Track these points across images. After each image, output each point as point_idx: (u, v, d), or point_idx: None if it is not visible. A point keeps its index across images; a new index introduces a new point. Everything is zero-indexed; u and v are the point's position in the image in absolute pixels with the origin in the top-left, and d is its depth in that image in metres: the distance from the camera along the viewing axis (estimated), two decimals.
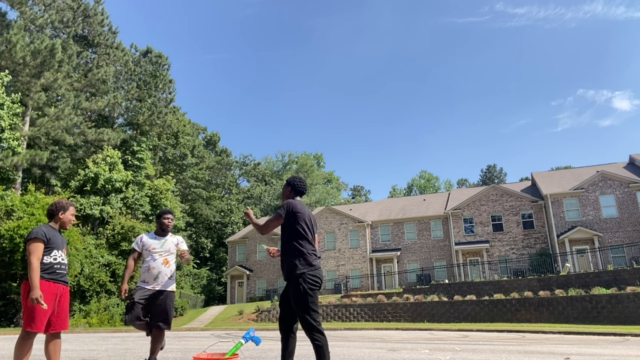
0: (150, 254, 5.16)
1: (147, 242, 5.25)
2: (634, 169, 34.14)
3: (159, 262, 5.13)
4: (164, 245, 5.23)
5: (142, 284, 5.10)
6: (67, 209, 4.49)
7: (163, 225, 5.32)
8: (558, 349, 8.72)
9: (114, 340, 13.50)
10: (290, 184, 4.43)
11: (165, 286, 5.10)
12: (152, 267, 5.09)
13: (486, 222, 35.59)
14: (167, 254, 5.22)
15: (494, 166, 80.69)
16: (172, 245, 5.27)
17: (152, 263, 5.10)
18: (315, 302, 3.93)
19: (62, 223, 4.48)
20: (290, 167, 76.82)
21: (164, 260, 5.16)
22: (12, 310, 24.64)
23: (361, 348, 9.23)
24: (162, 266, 5.12)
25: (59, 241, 4.42)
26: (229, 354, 3.53)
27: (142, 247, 5.24)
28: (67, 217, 4.48)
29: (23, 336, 4.15)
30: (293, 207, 4.15)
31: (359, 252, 38.22)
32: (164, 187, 40.32)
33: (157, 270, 5.08)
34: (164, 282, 5.10)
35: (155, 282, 5.06)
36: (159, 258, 5.14)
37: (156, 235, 5.34)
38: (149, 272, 5.08)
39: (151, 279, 5.05)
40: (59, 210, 4.47)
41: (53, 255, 4.34)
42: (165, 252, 5.20)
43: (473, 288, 25.53)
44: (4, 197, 26.72)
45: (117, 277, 31.36)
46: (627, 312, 19.09)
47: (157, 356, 5.08)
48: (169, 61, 47.31)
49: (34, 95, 32.35)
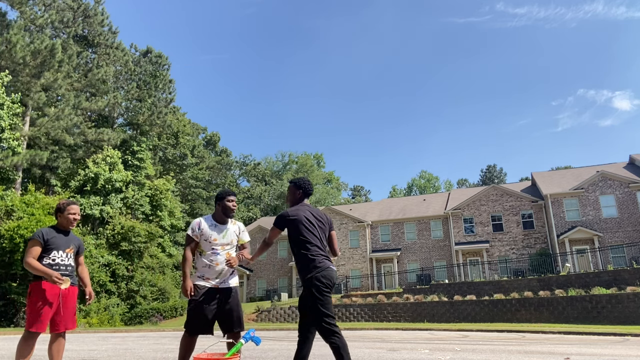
0: (211, 247, 4.27)
1: (206, 231, 4.29)
2: (634, 169, 34.13)
3: (222, 258, 4.25)
4: (226, 236, 4.33)
5: (200, 280, 4.23)
6: (65, 209, 4.54)
7: (227, 209, 4.36)
8: (558, 349, 8.72)
9: (114, 340, 13.50)
10: (300, 187, 4.30)
11: (230, 282, 4.30)
12: (216, 263, 4.23)
13: (486, 222, 35.58)
14: (230, 247, 4.35)
15: (494, 166, 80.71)
16: (234, 236, 4.38)
17: (214, 258, 4.24)
18: (326, 305, 3.82)
19: (62, 223, 4.53)
20: (290, 167, 76.82)
21: (226, 254, 4.29)
22: (12, 310, 24.62)
23: (361, 348, 9.23)
24: (225, 262, 4.27)
25: (60, 242, 4.44)
26: (229, 354, 3.53)
27: (201, 236, 4.30)
28: (65, 216, 4.53)
29: (25, 336, 4.17)
30: (287, 215, 4.10)
31: (359, 252, 38.21)
32: (164, 187, 40.31)
33: (220, 267, 4.23)
34: (227, 277, 4.28)
35: (217, 279, 4.23)
36: (221, 252, 4.27)
37: (216, 222, 4.37)
38: (211, 268, 4.23)
39: (212, 276, 4.22)
40: (57, 212, 4.59)
41: (52, 256, 4.36)
42: (227, 244, 4.32)
43: (473, 288, 25.53)
44: (4, 197, 26.72)
45: (117, 277, 31.37)
46: (627, 312, 19.09)
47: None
48: (168, 61, 47.34)
49: (34, 95, 32.34)
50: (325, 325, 3.76)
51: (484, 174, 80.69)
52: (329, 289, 3.90)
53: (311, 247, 4.00)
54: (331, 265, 4.01)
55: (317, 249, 4.03)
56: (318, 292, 3.84)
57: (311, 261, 3.94)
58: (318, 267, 3.92)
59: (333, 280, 3.95)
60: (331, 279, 3.93)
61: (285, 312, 28.00)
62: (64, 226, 4.54)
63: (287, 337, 14.40)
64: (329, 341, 3.75)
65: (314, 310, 3.81)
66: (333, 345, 3.72)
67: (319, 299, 3.82)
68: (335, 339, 3.73)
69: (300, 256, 4.02)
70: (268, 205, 66.45)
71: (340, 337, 3.75)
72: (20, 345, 4.15)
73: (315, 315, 3.81)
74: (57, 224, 4.57)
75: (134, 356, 8.00)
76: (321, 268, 3.92)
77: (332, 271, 3.99)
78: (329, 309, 3.83)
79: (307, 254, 3.97)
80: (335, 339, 3.73)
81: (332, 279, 3.94)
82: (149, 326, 27.01)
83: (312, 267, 3.91)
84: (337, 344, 3.71)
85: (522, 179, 62.82)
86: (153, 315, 29.54)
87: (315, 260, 3.95)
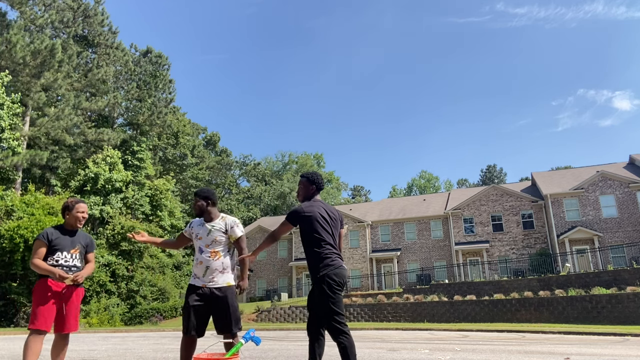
0: (198, 245, 4.29)
1: (195, 229, 4.35)
2: (634, 169, 34.13)
3: (206, 255, 4.22)
4: (210, 234, 4.28)
5: (193, 279, 4.25)
6: (73, 208, 4.45)
7: (197, 209, 4.38)
8: (558, 349, 8.72)
9: (114, 340, 13.50)
10: (314, 181, 4.19)
11: (220, 282, 4.17)
12: (200, 261, 4.22)
13: (486, 222, 35.58)
14: (215, 245, 4.25)
15: (494, 166, 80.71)
16: (219, 234, 4.27)
17: (199, 256, 4.25)
18: (338, 303, 3.80)
19: (69, 222, 4.45)
20: (290, 167, 76.85)
21: (211, 252, 4.22)
22: (12, 310, 24.62)
23: (361, 348, 9.23)
24: (210, 260, 4.20)
25: (65, 243, 4.37)
26: (229, 354, 3.52)
27: (191, 233, 4.37)
28: (74, 215, 4.44)
29: (29, 335, 4.12)
30: (301, 211, 4.04)
31: (359, 252, 38.21)
32: (164, 187, 40.31)
33: (204, 265, 4.20)
34: (216, 277, 4.18)
35: (205, 277, 4.18)
36: (205, 249, 4.24)
37: (203, 220, 4.38)
38: (198, 266, 4.24)
39: (199, 274, 4.20)
40: (64, 210, 4.49)
41: (56, 257, 4.30)
42: (212, 242, 4.24)
43: (473, 288, 25.52)
44: (4, 197, 26.72)
45: (117, 277, 31.36)
46: (627, 312, 19.09)
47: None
48: (168, 61, 47.35)
49: (34, 95, 32.34)
50: (335, 324, 3.74)
51: (484, 174, 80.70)
52: (340, 288, 3.88)
53: (324, 245, 3.97)
54: (343, 264, 4.01)
55: (330, 247, 4.00)
56: (330, 290, 3.81)
57: (324, 259, 3.92)
58: (331, 265, 3.89)
59: (344, 279, 3.95)
60: (343, 277, 3.92)
61: (285, 312, 27.99)
62: (71, 225, 4.45)
63: (287, 337, 14.40)
64: (338, 340, 3.73)
65: (325, 308, 3.78)
66: (341, 345, 3.69)
67: (330, 297, 3.79)
68: (344, 339, 3.70)
69: (312, 253, 3.98)
70: (268, 205, 66.43)
71: (349, 337, 3.72)
72: (25, 345, 4.07)
73: (325, 313, 3.78)
74: (65, 224, 4.48)
75: (134, 356, 8.00)
76: (334, 266, 3.90)
77: (344, 270, 3.99)
78: (340, 308, 3.81)
79: (321, 252, 3.94)
80: (343, 338, 3.70)
81: (343, 277, 3.93)
82: (149, 326, 27.01)
83: (325, 265, 3.89)
84: (345, 344, 3.68)
85: (522, 179, 62.83)
86: (153, 315, 29.54)
87: (329, 258, 3.93)
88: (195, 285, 4.16)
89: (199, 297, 4.10)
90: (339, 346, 3.70)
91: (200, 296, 4.10)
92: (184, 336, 4.08)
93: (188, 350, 4.10)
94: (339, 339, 3.70)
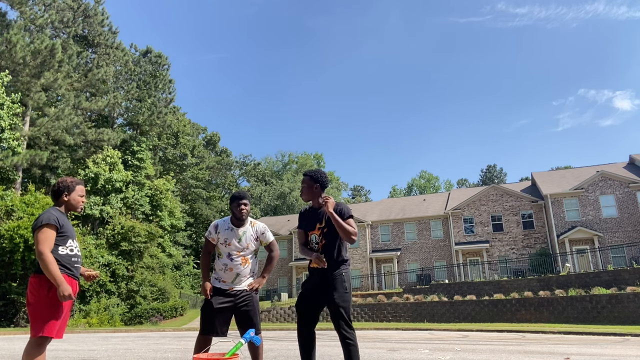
0: (227, 251, 4.14)
1: (222, 234, 4.17)
2: (634, 169, 34.13)
3: (238, 262, 4.12)
4: (242, 240, 4.16)
5: (218, 283, 4.13)
6: (73, 189, 3.68)
7: (237, 214, 4.17)
8: (558, 349, 8.72)
9: (114, 340, 13.50)
10: (317, 180, 4.03)
11: (244, 284, 4.15)
12: (230, 268, 4.11)
13: (486, 222, 35.58)
14: (247, 253, 4.17)
15: (494, 166, 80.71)
16: (251, 240, 4.18)
17: (229, 262, 4.11)
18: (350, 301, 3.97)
19: (69, 205, 3.68)
20: (290, 167, 76.87)
21: (242, 259, 4.13)
22: (12, 310, 24.60)
23: (361, 348, 9.22)
24: (240, 267, 4.11)
25: (72, 229, 3.65)
26: (229, 354, 3.52)
27: (217, 239, 4.19)
28: (74, 197, 3.68)
29: (34, 342, 3.34)
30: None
31: (359, 252, 38.21)
32: (164, 187, 40.32)
33: (235, 272, 4.10)
34: (244, 281, 4.15)
35: (233, 283, 4.12)
36: (236, 256, 4.12)
37: (232, 224, 4.20)
38: (227, 272, 4.12)
39: (229, 280, 4.11)
40: (63, 191, 3.66)
41: (69, 245, 3.55)
42: (243, 249, 4.15)
43: (473, 288, 25.52)
44: (4, 197, 26.71)
45: (117, 277, 31.35)
46: (627, 312, 19.09)
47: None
48: (168, 61, 47.32)
49: (34, 95, 32.33)
50: (349, 318, 3.81)
51: (484, 174, 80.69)
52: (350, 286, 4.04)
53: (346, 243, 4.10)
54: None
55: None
56: (349, 285, 3.90)
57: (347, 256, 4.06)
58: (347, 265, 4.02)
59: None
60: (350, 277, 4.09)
61: (285, 312, 27.98)
62: (69, 209, 3.70)
63: (287, 337, 14.39)
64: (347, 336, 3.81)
65: (346, 304, 3.82)
66: (348, 342, 3.79)
67: (350, 293, 3.90)
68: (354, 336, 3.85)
69: (342, 250, 4.05)
70: (268, 205, 66.44)
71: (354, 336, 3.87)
72: (29, 357, 3.33)
73: (345, 308, 3.81)
74: (63, 208, 3.68)
75: (134, 356, 8.00)
76: (348, 264, 4.03)
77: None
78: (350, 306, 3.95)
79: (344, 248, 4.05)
80: (354, 334, 3.84)
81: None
82: (149, 326, 26.99)
83: (348, 263, 4.04)
84: (354, 342, 3.81)
85: (522, 179, 62.81)
86: (153, 315, 29.53)
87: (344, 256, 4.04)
88: (221, 288, 4.13)
89: (225, 299, 4.08)
90: (346, 343, 3.77)
91: (227, 296, 4.09)
92: (200, 335, 4.08)
93: (202, 349, 4.13)
94: (351, 334, 3.78)
